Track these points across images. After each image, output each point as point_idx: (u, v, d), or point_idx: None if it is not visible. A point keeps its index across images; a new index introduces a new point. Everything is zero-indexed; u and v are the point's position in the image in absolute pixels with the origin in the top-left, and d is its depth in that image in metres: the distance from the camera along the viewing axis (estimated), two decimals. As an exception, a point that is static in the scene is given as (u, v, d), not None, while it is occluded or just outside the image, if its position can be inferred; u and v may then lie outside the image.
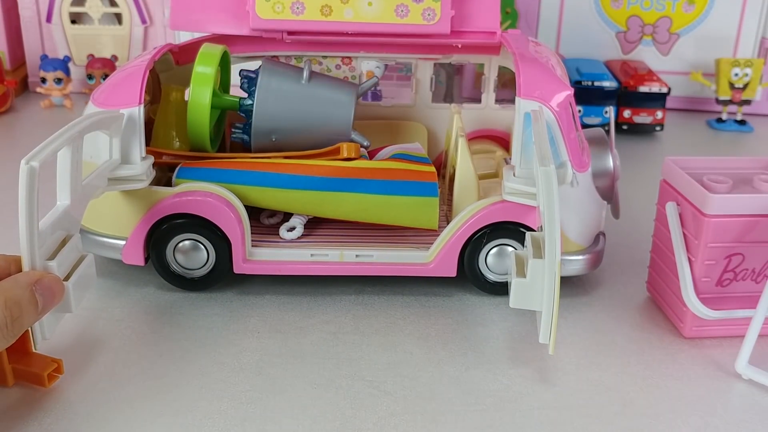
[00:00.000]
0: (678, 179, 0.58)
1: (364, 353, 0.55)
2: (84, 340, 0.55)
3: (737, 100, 1.08)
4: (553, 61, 0.65)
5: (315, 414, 0.49)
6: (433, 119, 0.75)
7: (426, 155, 0.64)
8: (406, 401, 0.50)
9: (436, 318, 0.60)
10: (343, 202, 0.61)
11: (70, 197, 0.51)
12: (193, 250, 0.61)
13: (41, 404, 0.49)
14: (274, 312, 0.60)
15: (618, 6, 1.13)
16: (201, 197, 0.59)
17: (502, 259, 0.61)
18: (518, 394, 0.51)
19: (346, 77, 0.74)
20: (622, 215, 0.67)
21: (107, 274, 0.64)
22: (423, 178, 0.61)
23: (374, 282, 0.64)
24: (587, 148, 0.62)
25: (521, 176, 0.58)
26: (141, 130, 0.58)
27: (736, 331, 0.57)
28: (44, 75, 1.08)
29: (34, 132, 0.99)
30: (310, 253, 0.61)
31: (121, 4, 1.11)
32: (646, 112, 1.03)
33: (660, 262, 0.61)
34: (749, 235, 0.55)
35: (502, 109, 0.75)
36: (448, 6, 0.64)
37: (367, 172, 0.61)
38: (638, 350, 0.57)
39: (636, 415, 0.50)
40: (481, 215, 0.60)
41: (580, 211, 0.61)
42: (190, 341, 0.56)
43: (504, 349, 0.56)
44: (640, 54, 1.14)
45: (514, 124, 0.59)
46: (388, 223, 0.62)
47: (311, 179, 0.61)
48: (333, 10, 0.64)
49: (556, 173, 0.51)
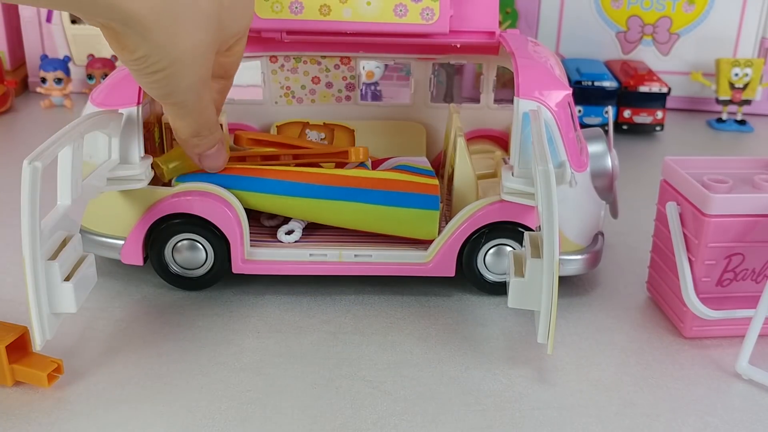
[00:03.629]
0: (678, 179, 0.58)
1: (364, 353, 0.55)
2: (84, 340, 0.55)
3: (737, 100, 1.08)
4: (551, 61, 0.65)
5: (315, 414, 0.49)
6: (431, 119, 0.75)
7: (431, 168, 0.64)
8: (406, 401, 0.50)
9: (436, 318, 0.60)
10: (343, 210, 0.61)
11: (71, 197, 0.51)
12: (191, 250, 0.61)
13: (41, 404, 0.49)
14: (274, 312, 0.60)
15: (618, 6, 1.13)
16: (199, 197, 0.59)
17: (500, 258, 0.61)
18: (518, 394, 0.51)
19: (344, 77, 0.74)
20: (622, 215, 0.67)
21: (107, 275, 0.64)
22: (425, 191, 0.60)
23: (374, 282, 0.64)
24: (586, 147, 0.62)
25: (520, 176, 0.58)
26: (140, 130, 0.58)
27: (736, 331, 0.57)
28: (44, 75, 1.08)
29: (34, 132, 0.99)
30: (308, 253, 0.61)
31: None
32: (646, 112, 1.03)
33: (660, 262, 0.61)
34: (749, 235, 0.55)
35: (501, 109, 0.75)
36: (447, 6, 0.64)
37: (368, 182, 0.61)
38: (638, 350, 0.57)
39: (636, 415, 0.50)
40: (480, 215, 0.60)
41: (578, 211, 0.61)
42: (190, 341, 0.56)
43: (504, 348, 0.56)
44: (640, 54, 1.14)
45: (513, 123, 0.59)
46: (388, 233, 0.61)
47: (311, 187, 0.60)
48: (332, 9, 0.64)
49: (555, 173, 0.51)
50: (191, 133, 0.56)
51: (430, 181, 0.61)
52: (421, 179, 0.61)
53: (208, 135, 0.57)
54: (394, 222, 0.61)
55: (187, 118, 0.55)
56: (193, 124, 0.55)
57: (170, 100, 0.53)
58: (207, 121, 0.56)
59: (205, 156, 0.58)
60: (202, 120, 0.55)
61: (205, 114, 0.55)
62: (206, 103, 0.55)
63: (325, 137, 0.73)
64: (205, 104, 0.54)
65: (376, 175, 0.61)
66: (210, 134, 0.57)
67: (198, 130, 0.56)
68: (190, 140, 0.57)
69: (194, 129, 0.56)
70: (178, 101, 0.53)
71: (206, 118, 0.56)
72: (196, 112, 0.54)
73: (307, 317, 0.59)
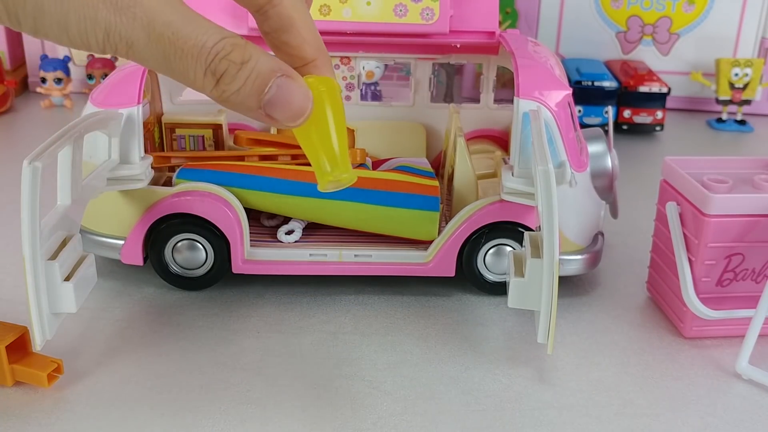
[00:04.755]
0: (678, 179, 0.58)
1: (364, 353, 0.55)
2: (84, 340, 0.55)
3: (737, 100, 1.08)
4: (551, 61, 0.65)
5: (315, 414, 0.49)
6: (432, 119, 0.75)
7: (431, 170, 0.64)
8: (406, 401, 0.50)
9: (436, 318, 0.60)
10: (343, 210, 0.61)
11: (71, 197, 0.51)
12: (191, 250, 0.61)
13: (41, 404, 0.49)
14: (274, 312, 0.60)
15: (618, 6, 1.13)
16: (199, 197, 0.59)
17: (500, 258, 0.61)
18: (518, 394, 0.51)
19: (344, 77, 0.74)
20: (622, 215, 0.67)
21: (107, 275, 0.64)
22: (425, 192, 0.60)
23: (374, 282, 0.64)
24: (586, 147, 0.62)
25: (520, 176, 0.58)
26: (139, 130, 0.58)
27: (736, 331, 0.57)
28: (44, 75, 1.08)
29: (34, 132, 0.99)
30: (308, 253, 0.61)
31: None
32: (646, 112, 1.03)
33: (660, 262, 0.61)
34: (749, 235, 0.55)
35: (501, 109, 0.75)
36: (446, 6, 0.64)
37: (368, 182, 0.61)
38: (638, 350, 0.57)
39: (636, 415, 0.50)
40: (480, 215, 0.60)
41: (578, 211, 0.61)
42: (190, 341, 0.56)
43: (503, 348, 0.56)
44: (640, 54, 1.14)
45: (513, 123, 0.59)
46: (387, 234, 0.61)
47: (312, 186, 0.60)
48: (332, 9, 0.64)
49: (555, 173, 0.51)
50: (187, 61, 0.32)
51: (430, 182, 0.61)
52: (421, 180, 0.61)
53: (227, 48, 0.33)
54: (394, 222, 0.61)
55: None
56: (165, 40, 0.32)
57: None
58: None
59: (268, 102, 0.34)
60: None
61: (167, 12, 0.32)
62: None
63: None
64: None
65: (376, 176, 0.61)
66: (231, 48, 0.33)
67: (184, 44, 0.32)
68: (205, 83, 0.33)
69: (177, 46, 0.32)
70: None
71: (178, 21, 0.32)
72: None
73: (307, 317, 0.59)
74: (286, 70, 0.34)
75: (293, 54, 0.38)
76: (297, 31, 0.37)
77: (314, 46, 0.38)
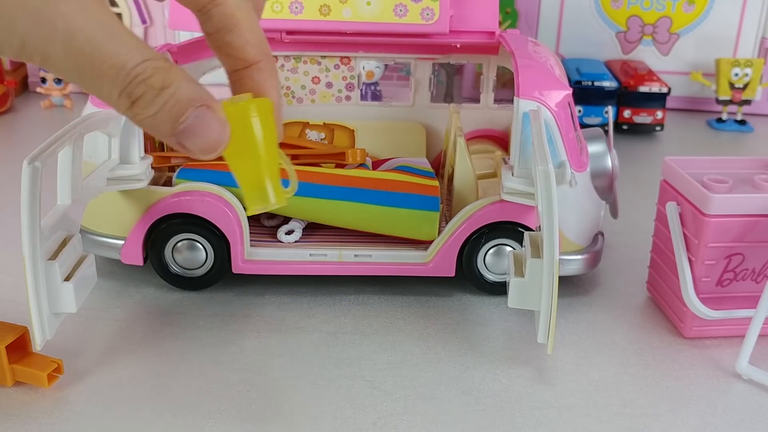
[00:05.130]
0: (678, 179, 0.58)
1: (364, 353, 0.55)
2: (84, 340, 0.55)
3: (737, 100, 1.08)
4: (551, 61, 0.65)
5: (315, 414, 0.49)
6: (432, 119, 0.75)
7: (431, 170, 0.64)
8: (406, 401, 0.50)
9: (436, 318, 0.60)
10: (343, 210, 0.61)
11: (71, 197, 0.51)
12: (191, 250, 0.61)
13: (41, 404, 0.49)
14: (274, 312, 0.60)
15: (618, 6, 1.13)
16: (199, 197, 0.59)
17: (500, 258, 0.61)
18: (518, 394, 0.51)
19: (344, 77, 0.74)
20: (622, 215, 0.67)
21: (107, 275, 0.64)
22: (425, 192, 0.60)
23: (374, 282, 0.64)
24: (586, 147, 0.62)
25: (520, 176, 0.58)
26: (139, 130, 0.58)
27: (736, 331, 0.57)
28: (44, 75, 1.08)
29: (34, 132, 0.99)
30: (308, 253, 0.61)
31: (121, 4, 1.11)
32: (646, 112, 1.03)
33: (660, 262, 0.61)
34: (749, 235, 0.55)
35: (501, 109, 0.75)
36: (446, 6, 0.64)
37: (368, 182, 0.61)
38: (638, 350, 0.57)
39: (636, 415, 0.50)
40: (480, 215, 0.60)
41: (578, 211, 0.61)
42: (190, 341, 0.56)
43: (504, 349, 0.56)
44: (640, 54, 1.14)
45: (513, 123, 0.59)
46: (387, 234, 0.61)
47: (312, 186, 0.60)
48: (332, 9, 0.64)
49: (555, 173, 0.51)
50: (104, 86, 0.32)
51: (430, 182, 0.61)
52: (421, 180, 0.61)
53: (142, 76, 0.32)
54: (394, 222, 0.61)
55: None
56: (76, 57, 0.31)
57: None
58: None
59: (182, 131, 0.33)
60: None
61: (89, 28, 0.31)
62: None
63: (325, 137, 0.73)
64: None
65: (376, 176, 0.61)
66: (146, 75, 0.32)
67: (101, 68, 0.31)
68: (121, 103, 0.32)
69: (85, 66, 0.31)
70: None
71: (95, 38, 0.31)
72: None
73: (307, 317, 0.59)
74: (206, 100, 0.33)
75: (236, 56, 0.37)
76: (240, 32, 0.37)
77: (258, 48, 0.37)
